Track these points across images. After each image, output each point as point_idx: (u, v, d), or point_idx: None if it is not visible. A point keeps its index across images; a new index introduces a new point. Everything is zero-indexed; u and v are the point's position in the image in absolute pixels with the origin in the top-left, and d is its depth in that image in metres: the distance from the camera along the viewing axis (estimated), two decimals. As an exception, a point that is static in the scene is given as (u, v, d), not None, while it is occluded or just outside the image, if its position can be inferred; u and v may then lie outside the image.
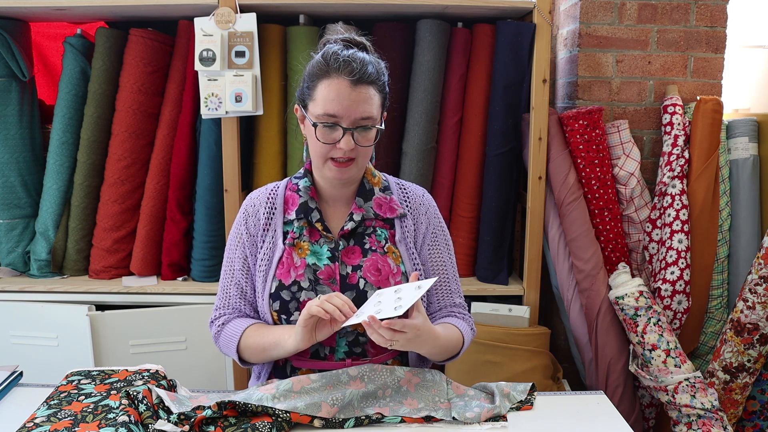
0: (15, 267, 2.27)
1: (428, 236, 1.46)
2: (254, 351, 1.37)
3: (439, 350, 1.34)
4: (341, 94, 1.28)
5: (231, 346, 1.40)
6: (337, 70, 1.28)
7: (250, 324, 1.39)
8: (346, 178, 1.35)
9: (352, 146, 1.29)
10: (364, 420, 1.23)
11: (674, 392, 1.94)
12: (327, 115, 1.28)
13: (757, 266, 1.90)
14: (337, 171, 1.33)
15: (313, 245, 1.39)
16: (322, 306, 1.23)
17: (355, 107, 1.28)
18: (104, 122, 2.20)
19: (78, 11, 2.14)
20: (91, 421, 1.14)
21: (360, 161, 1.34)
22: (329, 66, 1.29)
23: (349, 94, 1.28)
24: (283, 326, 1.36)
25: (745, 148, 2.12)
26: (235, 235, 1.44)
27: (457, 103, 2.21)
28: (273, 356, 1.36)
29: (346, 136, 1.28)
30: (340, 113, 1.28)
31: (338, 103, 1.28)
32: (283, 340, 1.31)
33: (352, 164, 1.33)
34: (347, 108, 1.28)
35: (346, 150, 1.29)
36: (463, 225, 2.26)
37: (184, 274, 2.28)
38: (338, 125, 1.29)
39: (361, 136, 1.30)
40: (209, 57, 2.04)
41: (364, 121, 1.30)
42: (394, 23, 2.20)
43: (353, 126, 1.29)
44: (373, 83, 1.31)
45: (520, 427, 1.24)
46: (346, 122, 1.28)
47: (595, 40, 2.21)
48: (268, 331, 1.36)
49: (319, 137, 1.30)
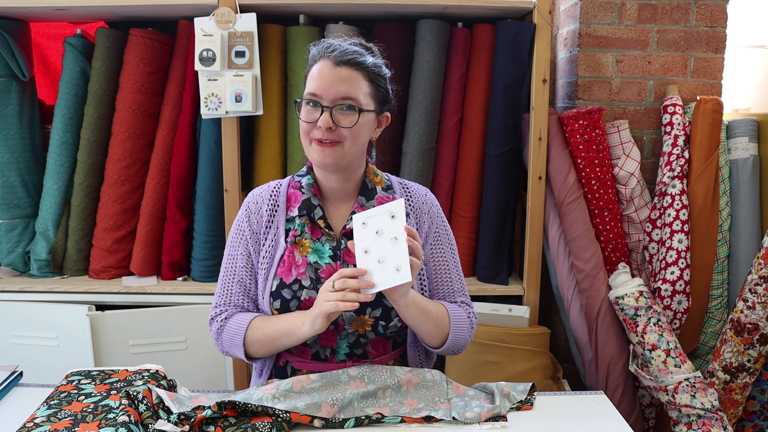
0: (15, 267, 2.27)
1: (431, 236, 1.46)
2: (262, 342, 1.35)
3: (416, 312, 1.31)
4: (322, 73, 1.32)
5: (236, 340, 1.37)
6: (323, 54, 1.34)
7: (255, 316, 1.38)
8: (330, 162, 1.34)
9: (330, 124, 1.30)
10: (364, 420, 1.23)
11: (674, 392, 1.94)
12: (310, 94, 1.32)
13: (757, 266, 1.90)
14: (320, 151, 1.33)
15: (315, 243, 1.39)
16: (347, 299, 1.21)
17: (335, 86, 1.30)
18: (104, 122, 2.20)
19: (78, 11, 2.14)
20: (91, 421, 1.14)
21: (346, 145, 1.33)
22: (318, 53, 1.35)
23: (330, 72, 1.31)
24: (293, 314, 1.34)
25: (745, 148, 2.12)
26: (237, 231, 1.43)
27: (457, 103, 2.21)
28: (283, 345, 1.34)
29: (324, 114, 1.30)
30: (320, 92, 1.31)
31: (320, 81, 1.31)
32: (296, 327, 1.30)
33: (336, 147, 1.32)
34: (327, 87, 1.31)
35: (324, 128, 1.30)
36: (463, 225, 2.26)
37: (184, 274, 2.28)
38: (319, 103, 1.31)
39: (341, 116, 1.31)
40: (209, 57, 2.04)
41: (344, 101, 1.31)
42: (394, 23, 2.20)
43: (332, 104, 1.31)
44: (359, 67, 1.33)
45: (520, 427, 1.24)
46: (326, 101, 1.31)
47: (595, 40, 2.21)
48: (277, 320, 1.34)
49: (302, 116, 1.33)
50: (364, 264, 1.23)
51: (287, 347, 1.36)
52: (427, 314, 1.34)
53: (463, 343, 1.42)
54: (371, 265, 1.23)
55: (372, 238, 1.24)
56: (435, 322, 1.36)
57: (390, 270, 1.21)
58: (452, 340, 1.39)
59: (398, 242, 1.21)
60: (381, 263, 1.22)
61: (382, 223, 1.24)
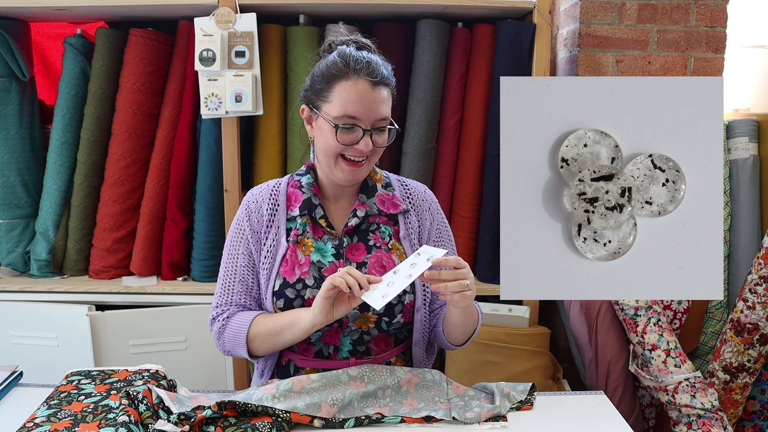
0: (15, 267, 2.27)
1: (433, 232, 1.46)
2: (265, 338, 1.35)
3: (469, 314, 1.34)
4: (362, 95, 1.28)
5: (239, 337, 1.36)
6: (357, 71, 1.29)
7: (259, 313, 1.38)
8: (358, 178, 1.36)
9: (371, 147, 1.30)
10: (364, 420, 1.23)
11: (674, 392, 1.94)
12: (347, 117, 1.29)
13: (757, 266, 1.90)
14: (350, 171, 1.33)
15: (317, 242, 1.39)
16: (345, 278, 1.21)
17: (375, 108, 1.29)
18: (104, 122, 2.20)
19: (78, 11, 2.14)
20: (91, 421, 1.14)
21: (372, 161, 1.35)
22: (348, 67, 1.29)
23: (370, 95, 1.29)
24: (296, 309, 1.34)
25: (745, 148, 2.12)
26: (238, 231, 1.43)
27: (457, 103, 2.21)
28: (287, 339, 1.34)
29: (365, 137, 1.29)
30: (360, 114, 1.29)
31: (359, 104, 1.28)
32: (299, 319, 1.30)
33: (364, 164, 1.34)
34: (368, 109, 1.29)
35: (365, 151, 1.30)
36: (463, 225, 2.26)
37: (184, 274, 2.28)
38: (358, 126, 1.29)
39: (378, 137, 1.32)
40: (209, 57, 2.04)
41: (381, 122, 1.31)
42: (394, 23, 2.20)
43: (372, 127, 1.30)
44: (388, 85, 1.33)
45: (520, 427, 1.24)
46: (365, 123, 1.29)
47: (595, 40, 2.21)
48: (280, 316, 1.34)
49: (339, 139, 1.30)
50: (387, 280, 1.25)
51: (290, 343, 1.35)
52: (472, 315, 1.37)
53: (473, 336, 1.44)
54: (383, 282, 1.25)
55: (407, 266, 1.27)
56: (474, 320, 1.39)
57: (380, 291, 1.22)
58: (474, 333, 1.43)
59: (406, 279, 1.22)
60: (387, 285, 1.24)
61: (421, 260, 1.25)
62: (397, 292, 1.20)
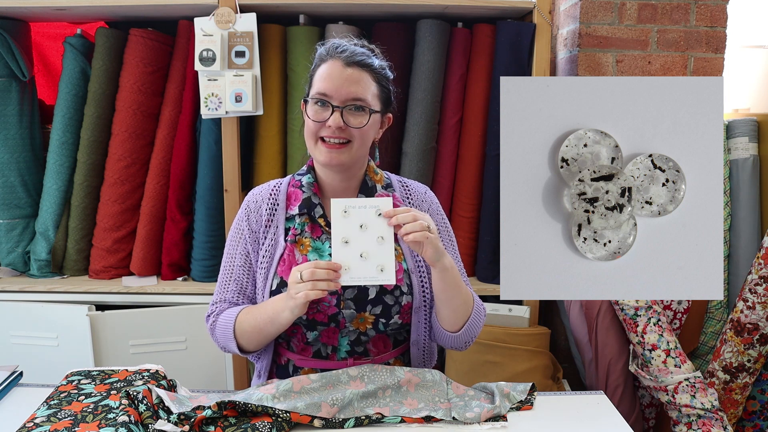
0: (15, 267, 2.27)
1: None
2: (251, 334, 1.35)
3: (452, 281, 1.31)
4: (332, 73, 1.32)
5: (227, 333, 1.38)
6: (332, 54, 1.34)
7: (242, 309, 1.39)
8: (337, 163, 1.34)
9: (340, 123, 1.31)
10: (364, 420, 1.23)
11: (674, 392, 1.94)
12: (319, 94, 1.32)
13: (757, 266, 1.90)
14: (327, 152, 1.33)
15: (315, 242, 1.39)
16: (316, 288, 1.20)
17: (346, 86, 1.31)
18: (104, 122, 2.20)
19: (78, 11, 2.14)
20: (91, 421, 1.14)
21: (355, 146, 1.34)
22: (328, 53, 1.35)
23: (340, 73, 1.32)
24: (273, 299, 1.33)
25: (745, 148, 2.12)
26: (237, 230, 1.44)
27: (457, 103, 2.21)
28: (271, 333, 1.34)
29: (335, 114, 1.31)
30: (331, 91, 1.31)
31: (330, 81, 1.32)
32: (277, 315, 1.29)
33: (345, 148, 1.33)
34: (338, 87, 1.31)
35: (335, 127, 1.31)
36: (463, 225, 2.26)
37: (184, 274, 2.28)
38: (329, 102, 1.31)
39: (351, 117, 1.32)
40: (209, 57, 2.04)
41: (354, 101, 1.32)
42: (394, 23, 2.20)
43: (343, 105, 1.31)
44: (368, 69, 1.34)
45: (520, 427, 1.24)
46: (337, 101, 1.31)
47: (595, 40, 2.21)
48: (259, 311, 1.34)
49: (310, 114, 1.33)
50: (342, 254, 1.24)
51: (275, 335, 1.36)
52: (458, 286, 1.34)
53: (476, 332, 1.41)
54: (350, 257, 1.24)
55: (354, 230, 1.24)
56: (464, 299, 1.36)
57: (372, 268, 1.23)
58: (471, 323, 1.38)
59: (385, 242, 1.23)
60: (363, 258, 1.23)
61: (366, 217, 1.24)
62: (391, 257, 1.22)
